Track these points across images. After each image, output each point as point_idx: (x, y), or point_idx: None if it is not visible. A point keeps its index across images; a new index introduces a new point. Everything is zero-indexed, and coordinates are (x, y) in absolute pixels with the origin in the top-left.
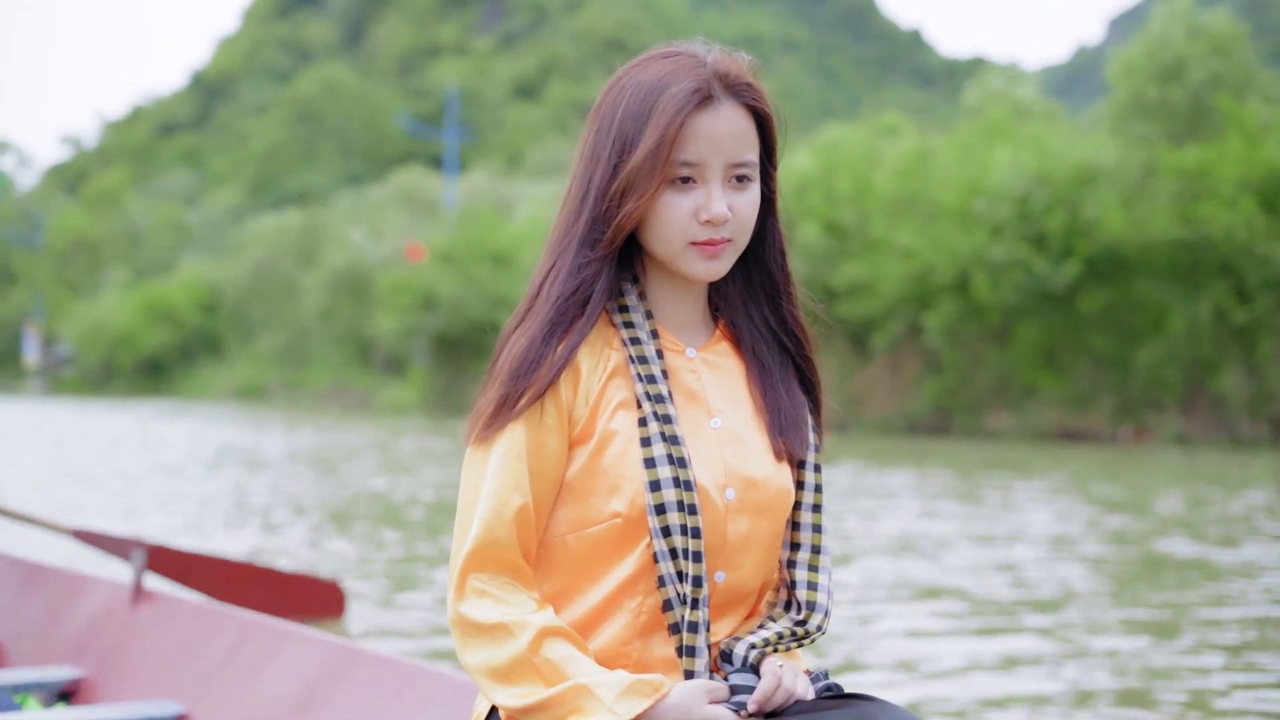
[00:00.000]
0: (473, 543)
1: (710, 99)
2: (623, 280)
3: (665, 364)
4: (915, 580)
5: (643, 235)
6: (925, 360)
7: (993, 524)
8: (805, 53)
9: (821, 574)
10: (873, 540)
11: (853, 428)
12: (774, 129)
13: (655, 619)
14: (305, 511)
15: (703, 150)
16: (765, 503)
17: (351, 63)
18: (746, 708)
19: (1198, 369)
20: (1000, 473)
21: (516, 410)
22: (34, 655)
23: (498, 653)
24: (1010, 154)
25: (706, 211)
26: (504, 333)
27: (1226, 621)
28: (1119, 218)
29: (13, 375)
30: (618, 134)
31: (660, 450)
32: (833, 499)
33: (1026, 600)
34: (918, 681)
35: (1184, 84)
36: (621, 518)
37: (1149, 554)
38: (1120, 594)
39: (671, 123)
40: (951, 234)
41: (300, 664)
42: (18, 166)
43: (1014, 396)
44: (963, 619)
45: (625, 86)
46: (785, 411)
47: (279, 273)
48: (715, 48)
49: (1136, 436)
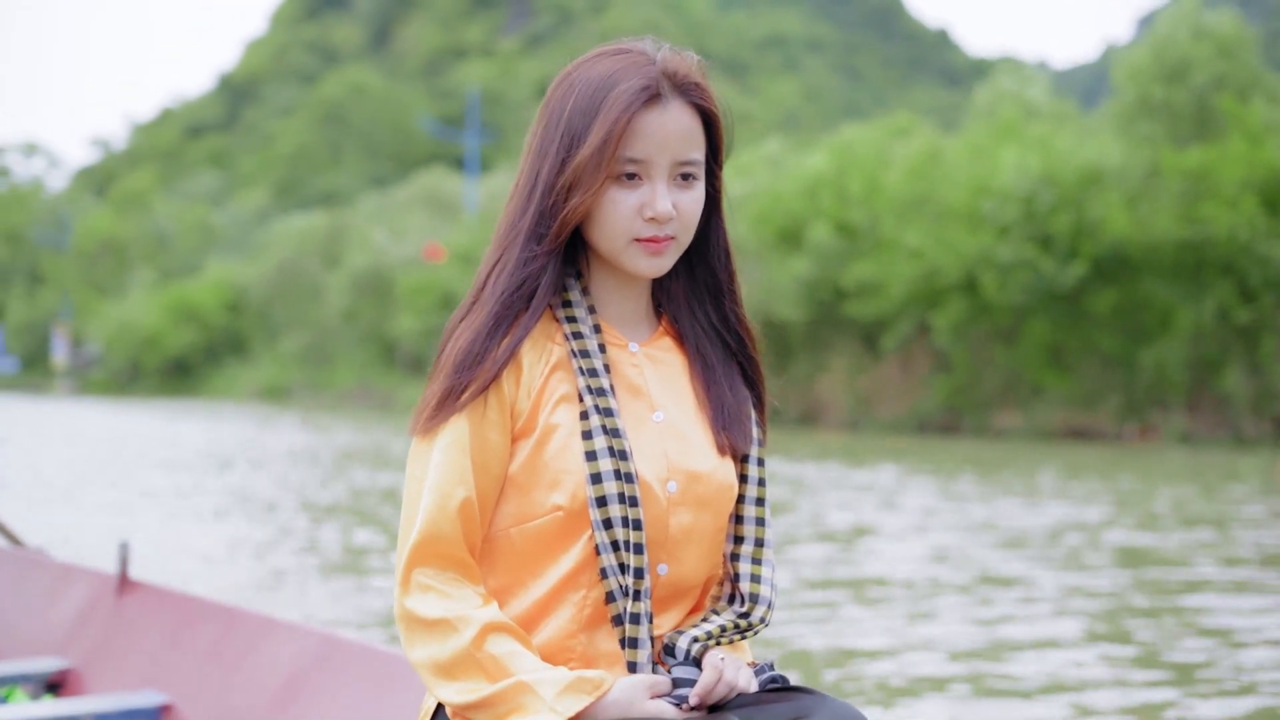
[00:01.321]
0: (417, 537)
1: (658, 97)
2: (567, 275)
3: (608, 358)
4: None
5: (588, 230)
6: (935, 360)
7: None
8: (831, 52)
9: (764, 566)
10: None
11: (864, 426)
12: (721, 129)
13: (599, 612)
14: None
15: (649, 148)
16: (707, 496)
17: (378, 64)
18: (688, 701)
19: (1202, 368)
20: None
21: (460, 404)
22: (21, 647)
23: (442, 648)
24: (1017, 155)
25: (651, 208)
26: (450, 325)
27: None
28: (1123, 218)
29: (42, 376)
30: (566, 129)
31: (602, 443)
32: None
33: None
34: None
35: (1188, 85)
36: (563, 510)
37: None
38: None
39: (618, 119)
40: (959, 234)
41: (283, 654)
42: (48, 169)
43: (1022, 396)
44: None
45: (574, 82)
46: (728, 406)
47: (303, 274)
48: (665, 46)
49: (1142, 435)
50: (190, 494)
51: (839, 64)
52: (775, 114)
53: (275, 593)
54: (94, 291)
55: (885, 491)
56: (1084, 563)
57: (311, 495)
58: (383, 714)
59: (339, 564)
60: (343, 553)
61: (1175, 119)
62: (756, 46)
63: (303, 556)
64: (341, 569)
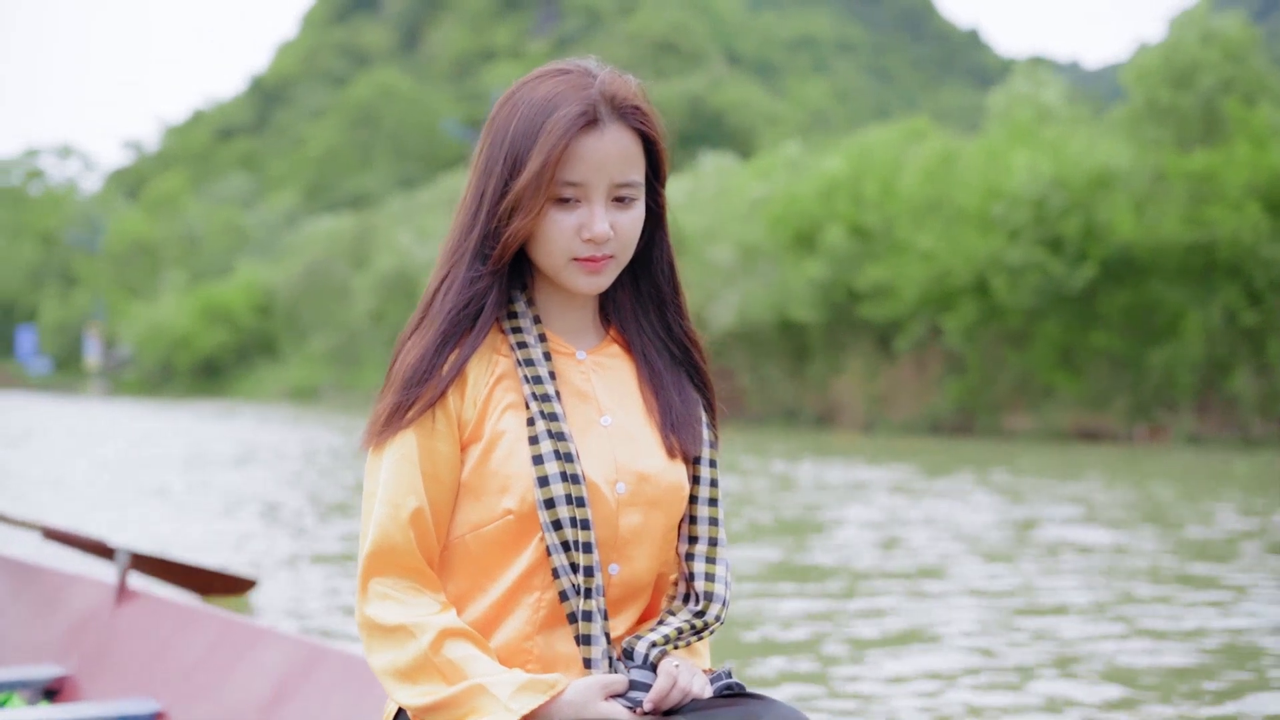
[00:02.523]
0: (371, 547)
1: (595, 122)
2: (513, 288)
3: (554, 366)
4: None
5: (530, 249)
6: (948, 361)
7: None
8: (861, 53)
9: (719, 565)
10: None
11: (879, 428)
12: (661, 149)
13: (554, 613)
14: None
15: (586, 172)
16: (657, 496)
17: (407, 67)
18: (642, 705)
19: (1210, 369)
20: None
21: (407, 420)
22: (20, 654)
23: (400, 654)
24: (1029, 158)
25: (589, 230)
26: (400, 339)
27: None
28: (1131, 221)
29: (75, 376)
30: (509, 151)
31: (547, 447)
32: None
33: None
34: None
35: (1196, 89)
36: (514, 514)
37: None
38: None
39: (555, 146)
40: (970, 237)
41: (272, 661)
42: (82, 171)
43: (1033, 397)
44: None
45: (518, 103)
46: (676, 410)
47: (331, 275)
48: (606, 69)
49: (1151, 436)
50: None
51: (869, 65)
52: (803, 115)
53: (279, 587)
54: (126, 293)
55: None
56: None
57: (324, 492)
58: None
59: (336, 555)
60: (345, 546)
61: (1183, 122)
62: (786, 47)
63: (304, 545)
64: (340, 560)
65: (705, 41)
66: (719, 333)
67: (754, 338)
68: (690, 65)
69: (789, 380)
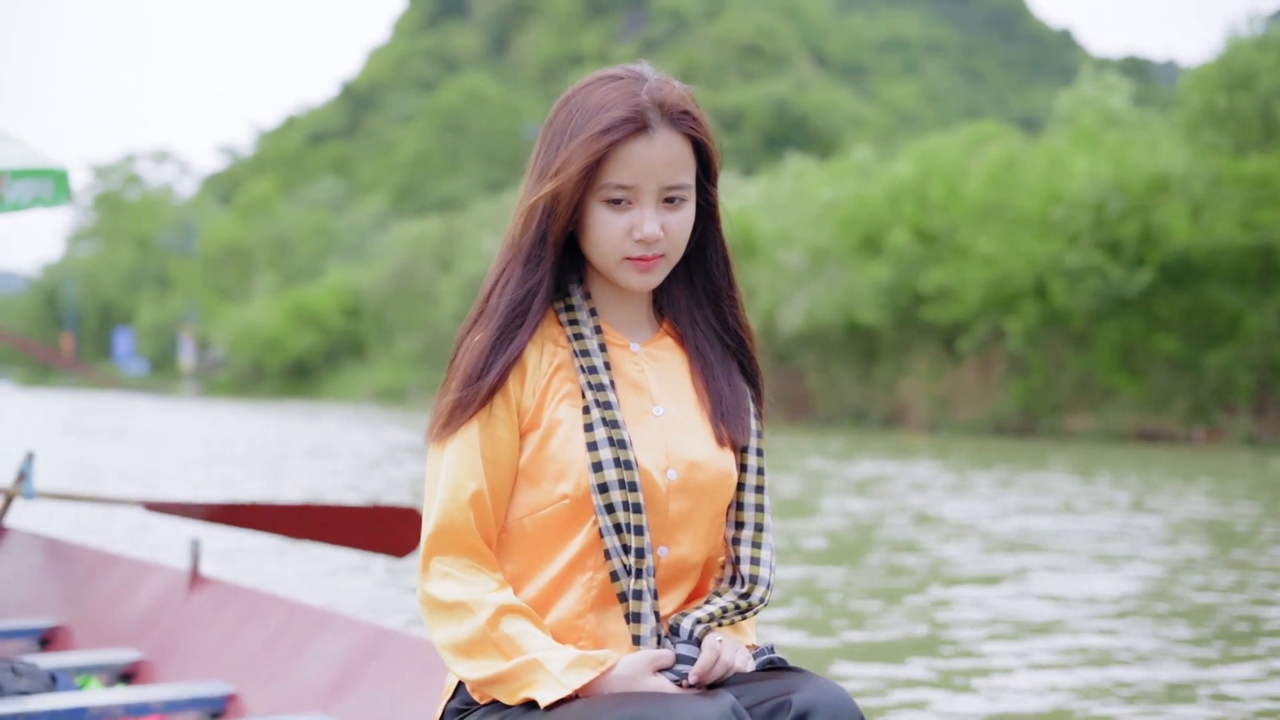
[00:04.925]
0: (433, 528)
1: (645, 128)
2: (569, 282)
3: (609, 358)
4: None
5: (584, 246)
6: (1010, 363)
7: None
8: (951, 54)
9: (764, 550)
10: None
11: (943, 428)
12: (711, 150)
13: (606, 593)
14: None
15: (635, 175)
16: (706, 484)
17: (495, 72)
18: (687, 678)
19: (1267, 372)
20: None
21: (469, 414)
22: (97, 639)
23: (459, 629)
24: (1089, 163)
25: (639, 231)
26: (459, 335)
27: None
28: (1187, 225)
29: (169, 378)
30: (560, 153)
31: (602, 434)
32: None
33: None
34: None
35: (1253, 93)
36: (569, 499)
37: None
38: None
39: (598, 149)
40: (1029, 241)
41: (338, 645)
42: (178, 176)
43: (1094, 399)
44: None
45: (573, 109)
46: (726, 401)
47: (418, 278)
48: (656, 75)
49: (1209, 438)
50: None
51: (959, 66)
52: (890, 118)
53: (337, 580)
54: (218, 295)
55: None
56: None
57: (389, 492)
58: (431, 700)
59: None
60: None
61: (1240, 127)
62: (876, 49)
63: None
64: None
65: (792, 44)
66: (789, 335)
67: (823, 340)
68: (776, 68)
69: (857, 382)
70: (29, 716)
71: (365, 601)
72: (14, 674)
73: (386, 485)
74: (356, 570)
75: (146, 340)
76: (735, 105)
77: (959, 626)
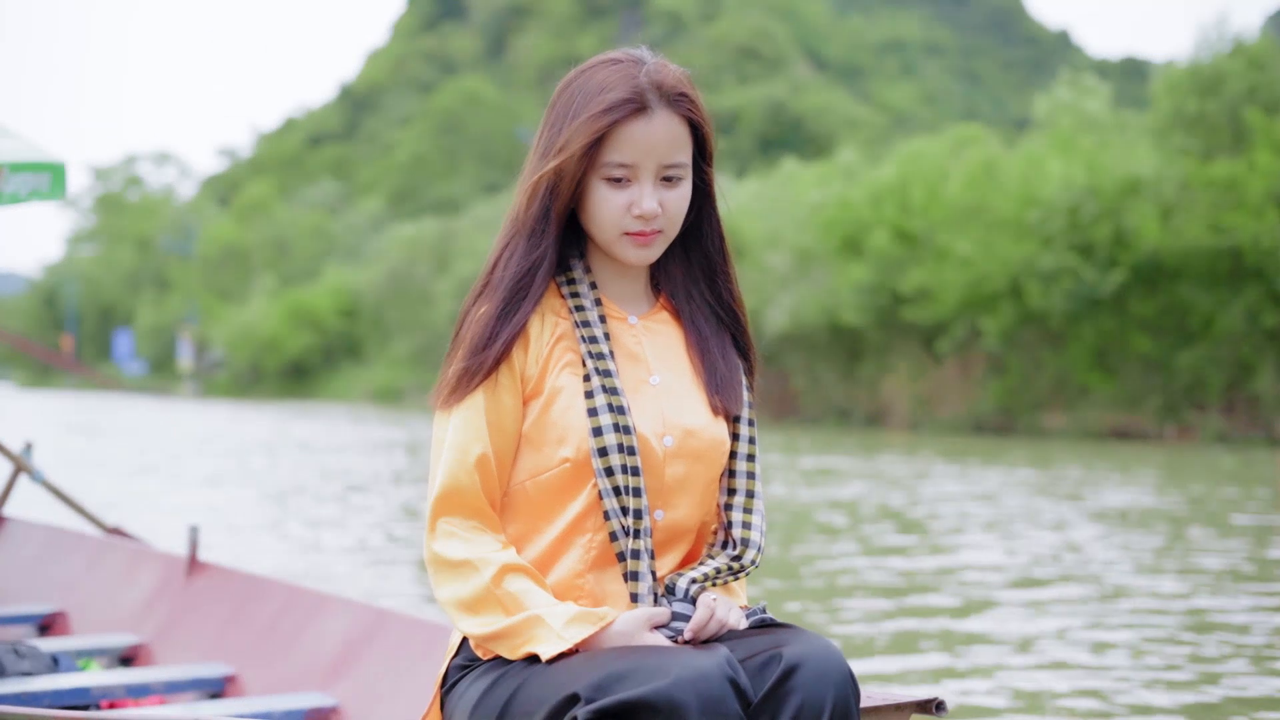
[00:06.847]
0: (440, 489)
1: (644, 109)
2: (571, 256)
3: (608, 329)
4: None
5: (585, 222)
6: (989, 363)
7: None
8: (950, 56)
9: (755, 515)
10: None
11: (925, 427)
12: (707, 131)
13: (605, 553)
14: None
15: (635, 154)
16: (700, 450)
17: (493, 74)
18: (683, 635)
19: (1236, 370)
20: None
21: (475, 382)
22: (98, 623)
23: (464, 587)
24: (1064, 166)
25: (638, 207)
26: (465, 307)
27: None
28: (1157, 228)
29: (168, 379)
30: (562, 133)
31: (602, 401)
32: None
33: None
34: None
35: (1221, 98)
36: (570, 462)
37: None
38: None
39: (600, 129)
40: (1006, 243)
41: (336, 626)
42: (179, 177)
43: (1070, 397)
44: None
45: (575, 90)
46: (720, 373)
47: (414, 280)
48: (655, 58)
49: (1180, 435)
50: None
51: (958, 68)
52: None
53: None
54: (217, 297)
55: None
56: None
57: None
58: (429, 679)
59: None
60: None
61: (1209, 131)
62: (874, 51)
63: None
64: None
65: (788, 46)
66: (774, 336)
67: (807, 340)
68: (772, 70)
69: (841, 382)
70: (32, 696)
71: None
72: (16, 655)
73: (372, 477)
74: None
75: (146, 341)
76: (731, 107)
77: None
